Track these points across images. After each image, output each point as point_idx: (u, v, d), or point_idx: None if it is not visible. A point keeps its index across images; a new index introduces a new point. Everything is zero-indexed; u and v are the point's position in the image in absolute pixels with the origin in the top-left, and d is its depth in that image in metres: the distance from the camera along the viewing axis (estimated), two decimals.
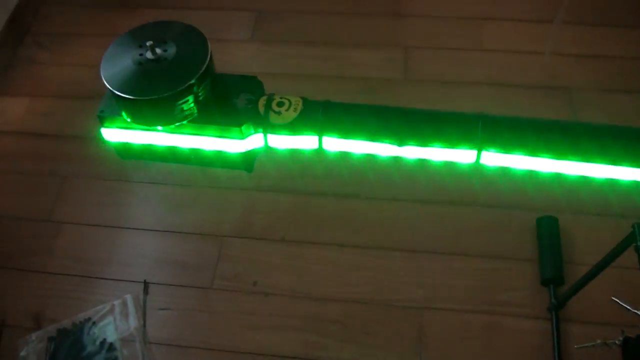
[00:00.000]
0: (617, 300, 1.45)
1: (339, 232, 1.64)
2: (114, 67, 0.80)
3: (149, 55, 0.80)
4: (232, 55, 2.02)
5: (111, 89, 0.78)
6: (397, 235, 1.63)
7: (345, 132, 0.82)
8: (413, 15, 2.09)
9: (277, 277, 1.58)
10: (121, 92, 0.77)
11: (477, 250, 1.58)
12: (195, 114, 0.82)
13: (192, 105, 0.80)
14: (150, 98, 0.77)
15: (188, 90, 0.78)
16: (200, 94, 0.80)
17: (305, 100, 0.84)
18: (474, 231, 1.62)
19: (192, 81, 0.78)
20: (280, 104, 0.83)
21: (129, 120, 0.82)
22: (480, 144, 0.78)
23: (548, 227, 1.55)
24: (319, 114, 0.82)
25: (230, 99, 0.85)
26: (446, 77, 1.91)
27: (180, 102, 0.78)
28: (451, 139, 0.79)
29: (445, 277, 1.55)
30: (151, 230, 1.69)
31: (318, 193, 1.72)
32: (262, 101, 0.84)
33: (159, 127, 0.82)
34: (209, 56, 0.80)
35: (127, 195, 1.76)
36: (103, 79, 0.79)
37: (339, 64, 1.98)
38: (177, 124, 0.81)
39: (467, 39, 2.01)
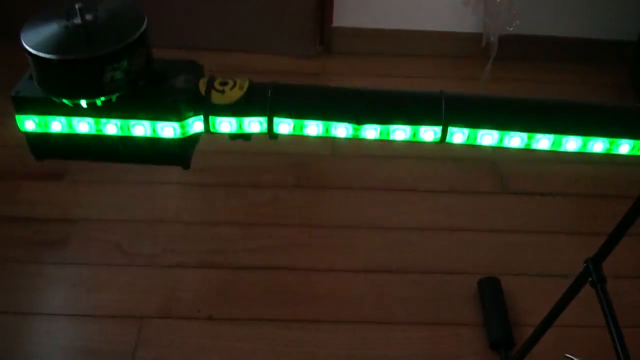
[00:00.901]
0: (571, 357, 1.39)
1: (272, 306, 1.51)
2: (37, 32, 0.70)
3: (76, 20, 0.71)
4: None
5: (30, 49, 0.67)
6: (335, 307, 1.51)
7: (298, 111, 0.73)
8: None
9: None
10: (42, 53, 0.67)
11: (420, 317, 1.49)
12: (126, 91, 0.71)
13: (122, 76, 0.70)
14: (75, 58, 0.67)
15: (118, 56, 0.69)
16: (132, 67, 0.71)
17: (252, 82, 0.76)
18: (415, 298, 1.53)
19: (123, 46, 0.69)
20: (223, 83, 0.75)
21: (48, 93, 0.71)
22: (445, 121, 0.72)
23: (490, 288, 1.48)
24: (268, 92, 0.74)
25: (167, 81, 0.76)
26: None
27: (109, 68, 0.68)
28: (414, 116, 0.72)
29: (390, 348, 1.43)
30: (62, 315, 1.51)
31: (248, 267, 1.60)
32: (203, 81, 0.75)
33: (84, 104, 0.71)
34: (144, 25, 0.72)
35: (38, 279, 1.58)
36: (22, 42, 0.68)
37: None
38: (105, 98, 0.71)
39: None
